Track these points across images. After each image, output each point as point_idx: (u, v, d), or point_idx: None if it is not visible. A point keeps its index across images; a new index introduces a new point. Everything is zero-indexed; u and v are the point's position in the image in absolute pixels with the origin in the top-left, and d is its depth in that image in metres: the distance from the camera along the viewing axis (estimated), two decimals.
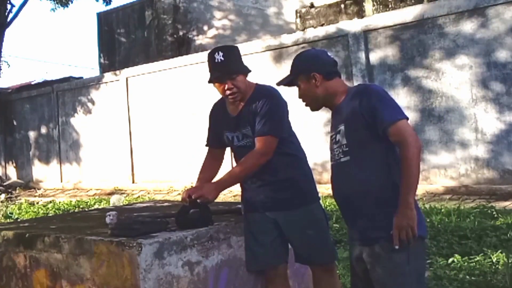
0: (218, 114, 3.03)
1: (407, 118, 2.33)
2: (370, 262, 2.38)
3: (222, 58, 2.79)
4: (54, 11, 16.84)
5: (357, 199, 2.37)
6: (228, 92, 2.82)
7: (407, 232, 2.22)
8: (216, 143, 3.06)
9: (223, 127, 2.97)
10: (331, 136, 2.55)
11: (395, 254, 2.28)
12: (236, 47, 2.97)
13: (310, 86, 2.51)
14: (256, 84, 2.94)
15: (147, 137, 12.79)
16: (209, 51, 2.92)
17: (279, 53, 10.46)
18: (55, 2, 16.49)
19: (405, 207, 2.23)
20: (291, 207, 2.82)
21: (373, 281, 2.38)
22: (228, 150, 3.09)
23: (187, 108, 11.77)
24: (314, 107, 2.57)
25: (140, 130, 12.95)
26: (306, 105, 2.59)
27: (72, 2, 16.66)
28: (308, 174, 2.95)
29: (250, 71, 2.90)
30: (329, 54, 2.61)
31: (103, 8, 18.33)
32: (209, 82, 2.87)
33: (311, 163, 3.08)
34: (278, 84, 2.68)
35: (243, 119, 2.86)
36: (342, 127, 2.43)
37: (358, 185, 2.36)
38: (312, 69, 2.50)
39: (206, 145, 3.12)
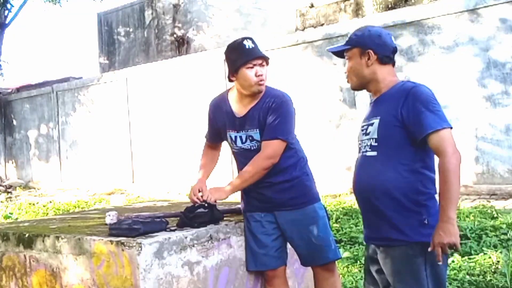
0: (220, 111, 2.95)
1: (451, 127, 2.21)
2: (384, 263, 2.28)
3: (253, 45, 2.78)
4: (45, 10, 16.94)
5: (375, 196, 2.26)
6: (259, 78, 2.75)
7: (448, 249, 2.08)
8: (215, 138, 3.07)
9: (227, 126, 2.91)
10: (362, 126, 2.42)
11: (412, 259, 2.18)
12: None
13: (361, 63, 2.38)
14: (266, 85, 2.88)
15: (147, 137, 12.80)
16: (234, 40, 2.84)
17: (279, 53, 10.45)
18: None
19: (447, 222, 2.07)
20: (293, 207, 2.82)
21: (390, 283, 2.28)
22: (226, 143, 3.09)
23: (187, 108, 11.77)
24: (355, 86, 2.44)
25: (140, 130, 12.95)
26: (348, 81, 2.45)
27: (67, 0, 16.62)
28: (309, 174, 2.95)
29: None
30: (392, 39, 2.43)
31: (102, 7, 18.31)
32: (246, 61, 2.74)
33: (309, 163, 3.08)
34: (330, 49, 2.56)
35: (251, 119, 2.81)
36: (376, 121, 2.30)
37: (379, 183, 2.25)
38: (370, 46, 2.36)
39: (205, 137, 3.12)
